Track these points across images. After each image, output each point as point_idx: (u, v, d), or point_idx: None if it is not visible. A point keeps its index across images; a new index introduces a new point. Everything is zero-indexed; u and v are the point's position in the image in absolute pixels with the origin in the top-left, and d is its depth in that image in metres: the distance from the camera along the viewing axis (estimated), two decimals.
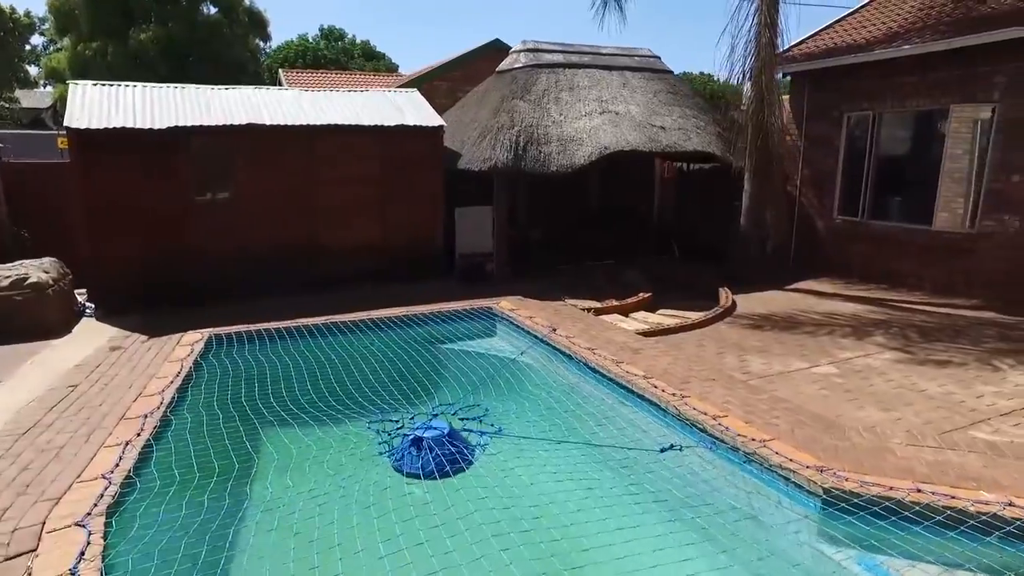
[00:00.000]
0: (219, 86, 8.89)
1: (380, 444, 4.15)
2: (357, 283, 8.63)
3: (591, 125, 9.15)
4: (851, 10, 11.44)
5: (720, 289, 9.02)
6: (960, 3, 9.36)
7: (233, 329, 6.71)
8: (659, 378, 5.37)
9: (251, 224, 8.16)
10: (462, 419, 4.56)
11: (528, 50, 10.05)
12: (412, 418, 4.46)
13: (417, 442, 4.07)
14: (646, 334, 7.03)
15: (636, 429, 4.69)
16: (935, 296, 8.94)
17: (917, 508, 3.55)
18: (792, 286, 9.67)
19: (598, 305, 8.19)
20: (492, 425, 4.43)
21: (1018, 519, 3.41)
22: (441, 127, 8.77)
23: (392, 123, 8.46)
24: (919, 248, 9.38)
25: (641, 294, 8.68)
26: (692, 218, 12.41)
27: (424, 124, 8.64)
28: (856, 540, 3.38)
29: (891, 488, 3.71)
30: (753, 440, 4.22)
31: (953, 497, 3.63)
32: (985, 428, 4.75)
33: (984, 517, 3.45)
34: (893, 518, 3.52)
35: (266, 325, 6.77)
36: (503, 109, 9.11)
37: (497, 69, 10.30)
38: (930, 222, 9.25)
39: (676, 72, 11.56)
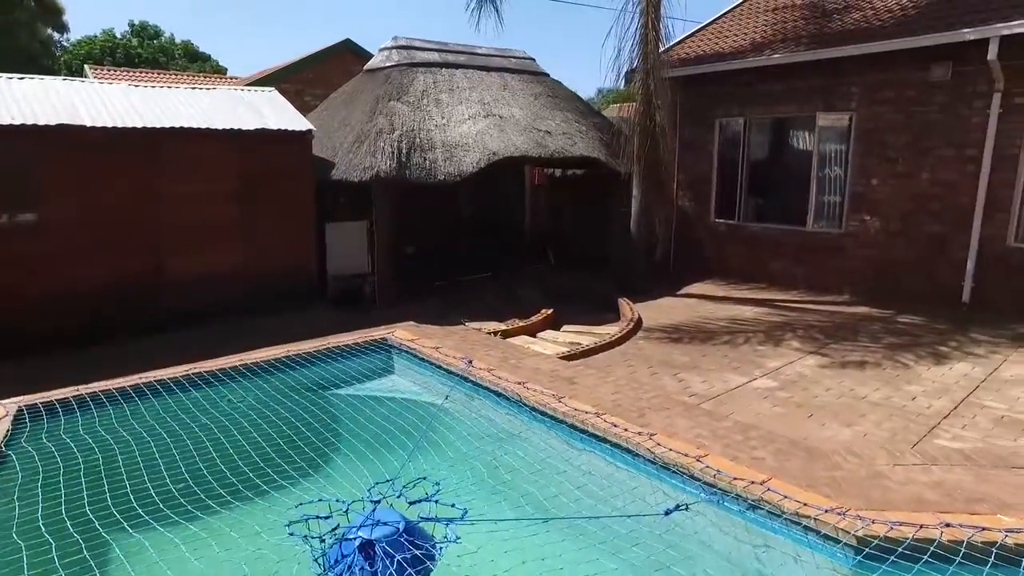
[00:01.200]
0: (10, 74, 6.91)
1: (313, 558, 3.02)
2: (218, 319, 7.10)
3: (476, 129, 8.38)
4: (709, 20, 11.81)
5: (619, 300, 8.69)
6: (811, 20, 9.91)
7: (56, 395, 5.02)
8: (611, 412, 4.73)
9: (72, 253, 6.34)
10: (412, 503, 3.54)
11: (401, 47, 9.05)
12: (346, 510, 3.35)
13: (366, 548, 3.02)
14: (568, 358, 6.40)
15: (614, 484, 3.98)
16: (812, 293, 9.32)
17: (953, 546, 3.22)
18: (682, 291, 9.63)
19: (503, 327, 7.44)
20: (453, 505, 3.47)
21: None
22: (310, 132, 7.50)
23: (252, 127, 7.05)
24: (794, 248, 9.77)
25: (543, 311, 8.06)
26: (567, 225, 12.11)
27: (291, 128, 7.32)
28: None
29: (921, 527, 3.34)
30: (753, 483, 3.69)
31: (985, 528, 3.34)
32: (944, 435, 4.67)
33: (1020, 547, 3.19)
34: (934, 561, 3.15)
35: (105, 385, 5.17)
36: (380, 111, 8.04)
37: (366, 67, 9.18)
38: (804, 223, 9.66)
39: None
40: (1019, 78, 7.57)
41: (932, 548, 3.17)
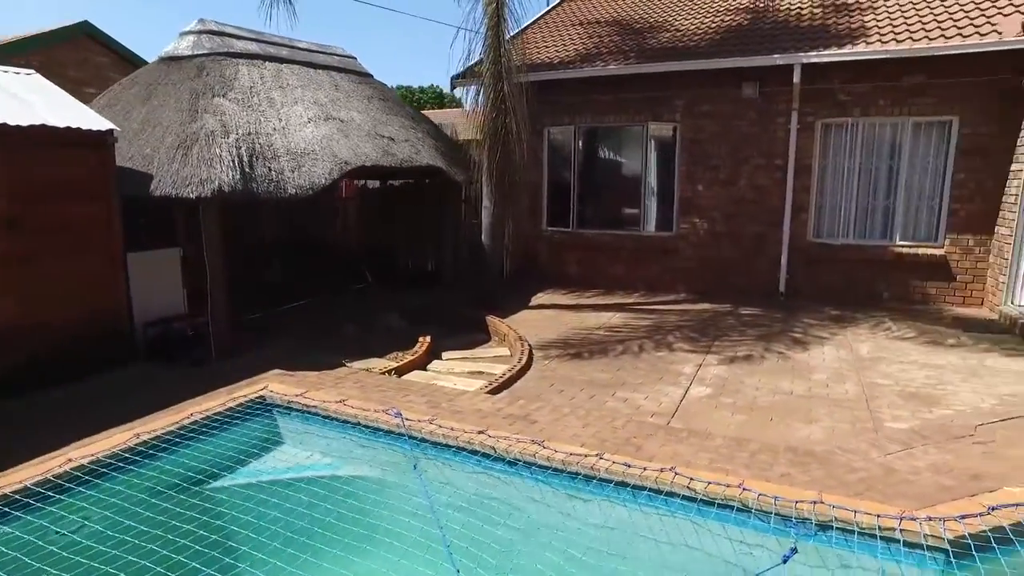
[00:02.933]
0: None
1: None
2: None
3: (320, 135, 7.12)
4: (516, 31, 11.78)
5: (488, 318, 8.14)
6: (627, 36, 10.45)
7: None
8: (602, 449, 4.22)
9: None
10: None
11: (211, 32, 7.28)
12: None
13: None
14: (493, 391, 5.67)
15: (679, 540, 3.46)
16: (652, 294, 9.79)
17: (1014, 527, 3.36)
18: (534, 303, 9.40)
19: (392, 363, 6.39)
20: None
21: None
22: (111, 132, 5.55)
23: (22, 122, 4.93)
24: (630, 252, 10.18)
25: (422, 340, 7.15)
26: (389, 240, 11.14)
27: (83, 127, 5.31)
28: None
29: (981, 515, 3.43)
30: (817, 503, 3.49)
31: (1019, 506, 3.56)
32: (886, 418, 5.02)
33: None
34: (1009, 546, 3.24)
35: None
36: (205, 109, 6.33)
37: (166, 54, 7.19)
38: (638, 227, 10.11)
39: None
40: (809, 100, 8.80)
41: (997, 535, 3.29)
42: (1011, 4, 8.13)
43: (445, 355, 7.16)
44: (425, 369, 6.57)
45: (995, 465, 4.07)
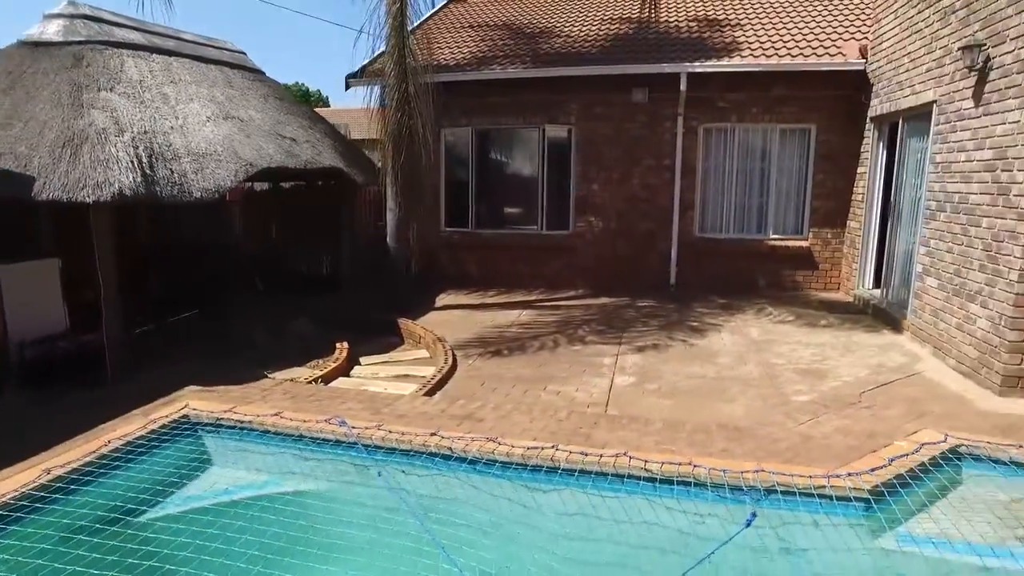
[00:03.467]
0: None
1: None
2: None
3: (222, 134, 6.67)
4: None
5: (400, 321, 8.07)
6: (520, 40, 10.72)
7: None
8: (554, 441, 4.39)
9: None
10: None
11: (86, 17, 6.52)
12: None
13: None
14: (428, 393, 5.66)
15: (643, 517, 3.69)
16: (552, 291, 10.12)
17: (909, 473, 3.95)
18: (439, 305, 9.41)
19: (315, 372, 6.16)
20: None
21: None
22: None
23: None
24: (529, 250, 10.48)
25: (340, 346, 6.95)
26: (281, 245, 10.64)
27: None
28: None
29: (887, 465, 3.98)
30: (755, 472, 3.88)
31: (908, 455, 4.17)
32: (790, 392, 5.60)
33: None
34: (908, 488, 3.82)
35: None
36: (90, 104, 5.69)
37: (30, 38, 6.33)
38: (537, 226, 10.43)
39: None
40: (693, 106, 9.55)
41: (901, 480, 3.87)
42: (852, 35, 9.33)
43: (363, 360, 7.02)
44: (349, 375, 6.41)
45: (881, 424, 4.72)
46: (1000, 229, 5.46)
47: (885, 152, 8.47)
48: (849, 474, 3.88)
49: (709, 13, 10.94)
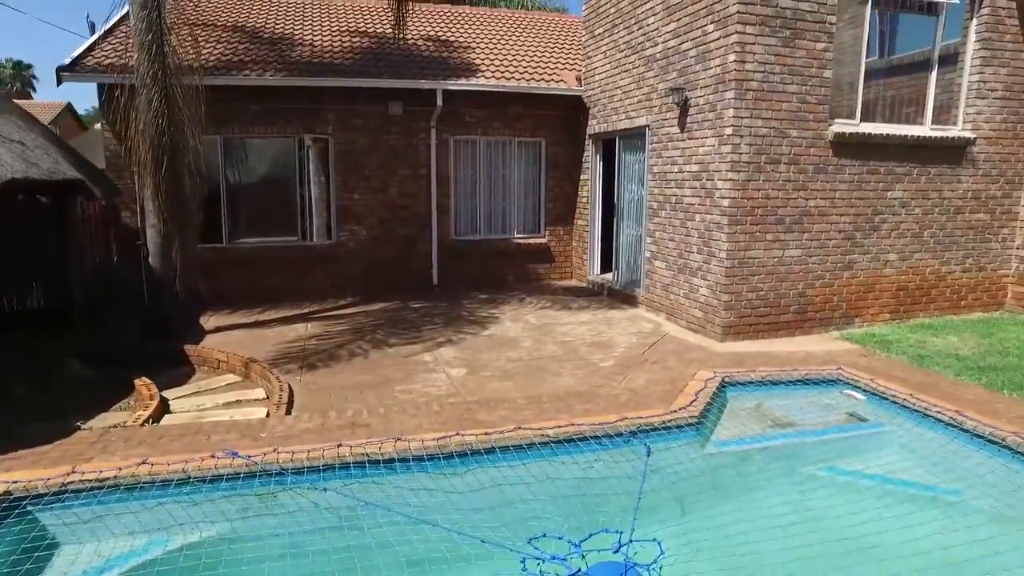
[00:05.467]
0: None
1: None
2: None
3: None
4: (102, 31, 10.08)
5: (185, 348, 7.28)
6: (257, 45, 10.23)
7: None
8: (448, 429, 4.82)
9: None
10: None
11: None
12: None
13: None
14: (287, 412, 5.45)
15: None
16: (324, 301, 10.00)
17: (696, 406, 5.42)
18: (210, 327, 8.60)
19: (140, 413, 5.36)
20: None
21: None
22: None
23: None
24: (295, 262, 10.17)
25: (139, 383, 6.07)
26: None
27: None
28: None
29: (695, 400, 5.37)
30: (617, 421, 4.91)
31: (708, 381, 5.65)
32: (595, 359, 6.83)
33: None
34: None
35: None
36: None
37: None
38: (300, 236, 10.16)
39: None
40: (444, 120, 10.43)
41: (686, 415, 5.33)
42: (571, 66, 11.28)
43: (167, 394, 6.24)
44: (171, 412, 5.70)
45: (671, 373, 6.22)
46: (710, 222, 7.52)
47: (602, 163, 10.53)
48: (680, 408, 5.18)
49: (441, 34, 11.95)
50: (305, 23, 11.53)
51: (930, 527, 3.97)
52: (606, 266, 10.66)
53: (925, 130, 7.90)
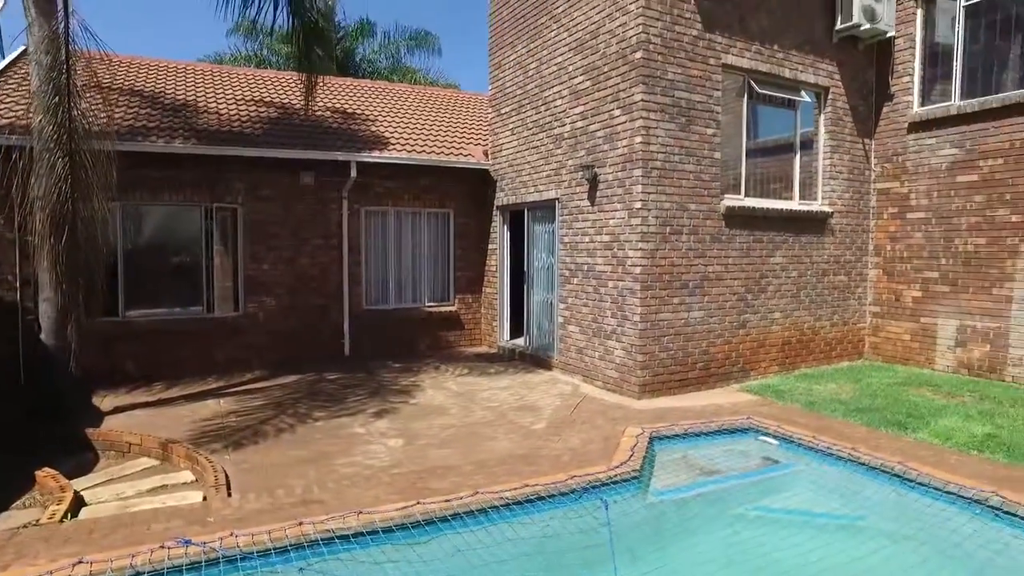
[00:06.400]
0: None
1: None
2: None
3: None
4: None
5: (88, 432, 6.70)
6: (161, 111, 9.95)
7: None
8: (404, 499, 4.86)
9: None
10: None
11: None
12: None
13: None
14: (228, 495, 5.17)
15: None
16: (232, 375, 9.51)
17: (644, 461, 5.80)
18: (109, 408, 7.93)
19: (39, 510, 4.86)
20: None
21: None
22: None
23: None
24: (197, 335, 9.66)
25: (42, 474, 5.50)
26: None
27: None
28: None
29: (631, 456, 5.73)
30: (567, 479, 5.17)
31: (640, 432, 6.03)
32: (526, 423, 7.05)
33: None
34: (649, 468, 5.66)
35: None
36: None
37: None
38: (204, 309, 9.70)
39: None
40: (356, 191, 10.57)
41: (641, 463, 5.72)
42: (477, 141, 11.89)
43: (75, 484, 5.67)
44: (87, 504, 5.20)
45: (601, 431, 6.59)
46: (623, 288, 8.14)
47: (510, 232, 11.06)
48: (621, 464, 5.52)
49: (346, 106, 12.19)
50: (208, 91, 11.36)
51: (844, 551, 4.56)
52: (516, 332, 11.04)
53: (795, 204, 9.17)
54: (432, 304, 11.52)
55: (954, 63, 9.01)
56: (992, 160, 8.49)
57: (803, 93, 9.14)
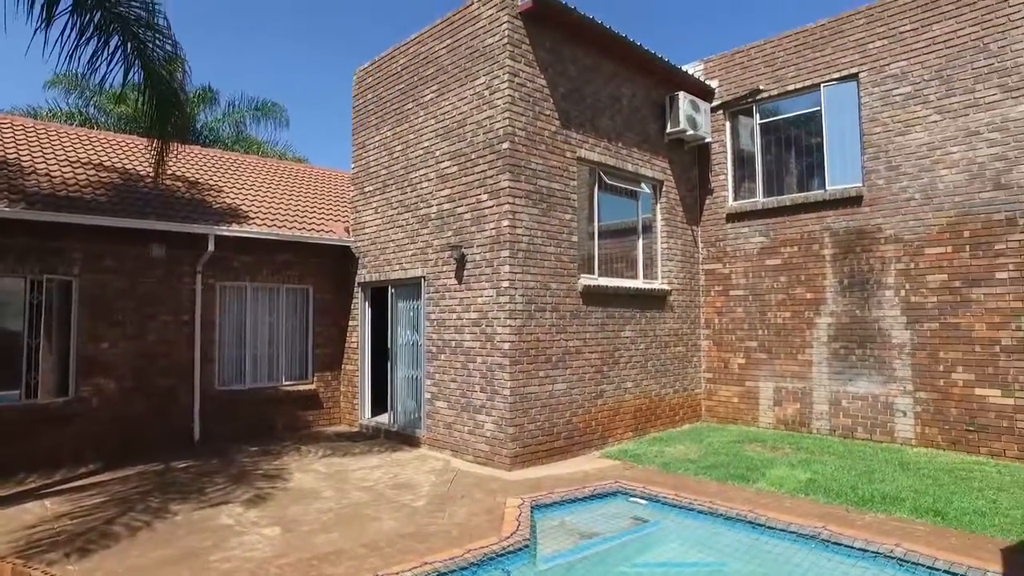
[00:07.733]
0: None
1: None
2: None
3: None
4: None
5: None
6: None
7: None
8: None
9: None
10: None
11: None
12: None
13: None
14: None
15: None
16: (56, 470, 8.35)
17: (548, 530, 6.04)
18: None
19: None
20: None
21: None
22: None
23: None
24: (13, 425, 8.42)
25: None
26: None
27: None
28: None
29: (519, 527, 5.95)
30: (476, 551, 5.28)
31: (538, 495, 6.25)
32: (407, 500, 6.99)
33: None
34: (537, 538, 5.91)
35: None
36: None
37: None
38: (27, 395, 8.54)
39: None
40: (211, 265, 10.07)
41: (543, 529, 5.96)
42: (338, 218, 11.90)
43: None
44: None
45: (483, 504, 6.76)
46: (492, 363, 8.51)
47: (371, 309, 11.08)
48: (511, 534, 5.74)
49: (195, 176, 11.67)
50: (33, 149, 10.29)
51: None
52: (378, 409, 10.92)
53: (640, 283, 10.27)
54: (290, 383, 11.05)
55: (757, 166, 10.88)
56: (789, 247, 10.26)
57: (643, 185, 10.45)
